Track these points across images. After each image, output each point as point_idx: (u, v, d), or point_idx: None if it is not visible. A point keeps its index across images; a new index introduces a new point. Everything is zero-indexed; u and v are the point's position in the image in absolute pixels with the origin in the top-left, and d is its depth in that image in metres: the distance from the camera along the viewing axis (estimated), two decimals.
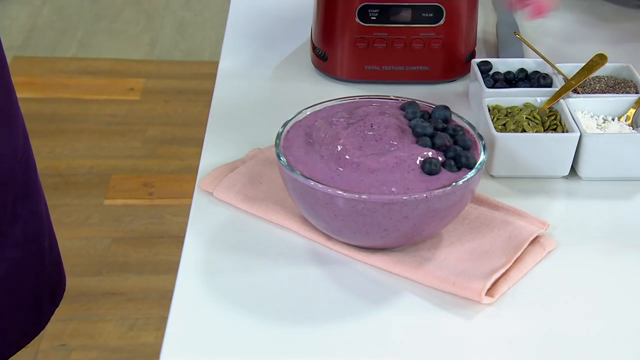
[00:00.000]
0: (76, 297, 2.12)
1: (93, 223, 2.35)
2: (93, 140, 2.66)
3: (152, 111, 2.79)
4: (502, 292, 0.75)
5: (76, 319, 2.06)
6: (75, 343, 2.01)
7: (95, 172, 2.53)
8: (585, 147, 0.87)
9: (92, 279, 2.18)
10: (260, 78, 1.08)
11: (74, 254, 2.25)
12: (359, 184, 0.74)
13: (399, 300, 0.75)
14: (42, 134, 2.70)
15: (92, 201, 2.43)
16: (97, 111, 2.80)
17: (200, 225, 0.83)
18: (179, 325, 0.71)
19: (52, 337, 2.01)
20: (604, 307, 0.76)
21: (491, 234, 0.81)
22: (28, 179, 1.04)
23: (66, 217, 2.37)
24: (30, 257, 1.05)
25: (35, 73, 3.00)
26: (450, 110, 0.83)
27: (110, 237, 2.30)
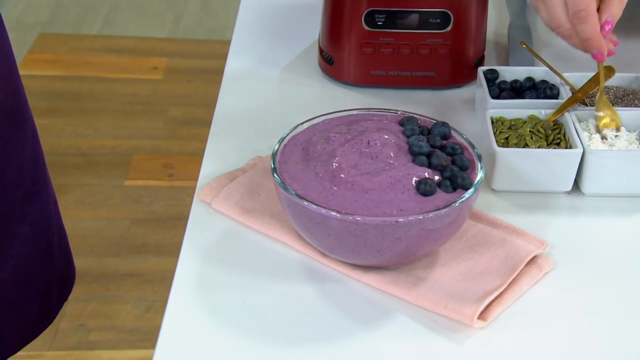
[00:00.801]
0: (95, 278, 2.15)
1: (113, 204, 2.37)
2: (115, 120, 2.68)
3: (174, 91, 2.80)
4: (495, 316, 0.75)
5: (95, 299, 2.09)
6: (94, 323, 2.04)
7: (117, 152, 2.55)
8: (588, 164, 0.86)
9: (111, 259, 2.20)
10: (267, 81, 1.08)
11: (94, 235, 2.27)
12: (352, 204, 0.74)
13: (390, 322, 0.74)
14: (67, 112, 2.72)
15: (113, 182, 2.44)
16: (120, 90, 2.81)
17: (197, 236, 0.83)
18: (170, 341, 0.72)
19: (71, 317, 2.04)
20: (602, 332, 0.74)
21: (488, 253, 0.80)
22: (37, 177, 1.05)
23: (87, 197, 2.39)
24: (38, 254, 1.06)
25: (61, 50, 3.02)
26: (450, 127, 0.82)
27: (130, 218, 2.32)
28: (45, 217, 1.07)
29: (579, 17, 0.83)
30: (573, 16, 0.84)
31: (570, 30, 0.85)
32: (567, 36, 0.86)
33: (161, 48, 3.02)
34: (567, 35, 0.86)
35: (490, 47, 1.14)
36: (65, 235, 1.16)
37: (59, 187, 2.41)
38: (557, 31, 0.87)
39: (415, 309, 0.75)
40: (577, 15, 0.83)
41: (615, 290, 0.79)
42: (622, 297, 0.78)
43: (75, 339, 1.99)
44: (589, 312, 0.76)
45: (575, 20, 0.84)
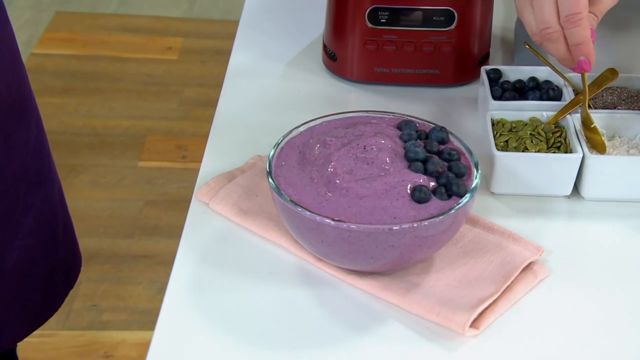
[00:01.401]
0: (108, 259, 2.17)
1: (127, 185, 2.39)
2: (130, 100, 2.69)
3: (189, 71, 2.80)
4: (488, 324, 0.75)
5: (108, 280, 2.11)
6: (106, 304, 2.06)
7: (131, 133, 2.56)
8: (588, 168, 0.85)
9: (124, 241, 2.22)
10: (270, 76, 1.08)
11: (107, 215, 2.29)
12: (345, 211, 0.74)
13: (383, 328, 0.75)
14: (82, 92, 2.73)
15: (126, 162, 2.46)
16: (134, 70, 2.82)
17: (194, 237, 0.84)
18: (162, 344, 0.72)
19: (84, 297, 2.06)
20: (597, 341, 0.74)
21: (483, 259, 0.80)
22: (41, 168, 1.06)
23: (101, 178, 2.41)
24: (42, 244, 1.06)
25: (77, 29, 3.03)
26: (448, 132, 0.82)
27: (143, 200, 2.33)
28: (50, 207, 1.08)
29: (572, 21, 0.82)
30: (566, 19, 0.82)
31: (559, 33, 0.83)
32: (554, 39, 0.84)
33: (176, 28, 3.02)
34: (554, 38, 0.83)
35: (496, 43, 1.14)
36: (71, 222, 1.17)
37: (74, 167, 2.43)
38: (544, 32, 0.84)
39: (409, 315, 0.76)
40: (571, 18, 0.82)
41: (611, 298, 0.78)
42: (617, 305, 0.78)
43: (88, 319, 2.02)
44: (583, 320, 0.76)
45: (567, 23, 0.82)
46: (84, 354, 1.94)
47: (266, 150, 0.93)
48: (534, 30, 0.85)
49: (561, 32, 0.83)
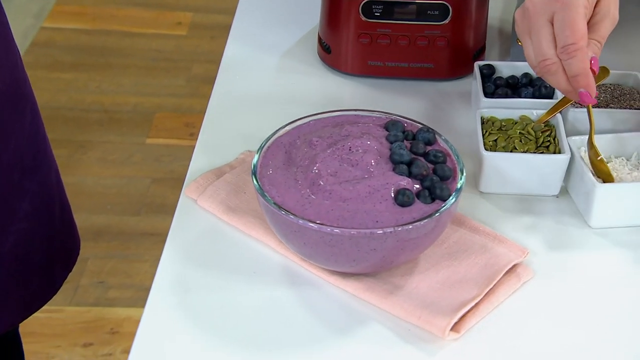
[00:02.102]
0: (115, 236, 2.18)
1: (134, 162, 2.40)
2: (138, 77, 2.69)
3: (198, 47, 2.80)
4: (469, 327, 0.75)
5: (115, 257, 2.13)
6: (113, 281, 2.08)
7: (139, 110, 2.57)
8: (598, 197, 0.83)
9: (131, 218, 2.23)
10: (265, 68, 1.08)
11: (115, 193, 2.30)
12: (328, 214, 0.74)
13: (364, 330, 0.75)
14: (91, 67, 2.74)
15: (134, 139, 2.47)
16: (144, 46, 2.82)
17: (182, 234, 0.84)
18: (145, 344, 0.73)
19: (91, 273, 2.08)
20: (579, 345, 0.74)
21: (467, 260, 0.80)
22: (36, 153, 1.06)
23: (109, 155, 2.42)
24: (39, 227, 1.07)
25: (86, 2, 3.02)
26: (435, 133, 0.82)
27: (151, 177, 2.34)
28: (46, 190, 1.08)
29: (568, 52, 0.80)
30: (562, 50, 0.80)
31: (557, 64, 0.81)
32: (552, 71, 0.82)
33: (186, 2, 3.01)
34: (552, 70, 0.81)
35: (494, 34, 1.13)
36: (68, 205, 1.17)
37: (82, 143, 2.45)
38: (542, 65, 0.82)
39: (391, 317, 0.76)
40: (567, 49, 0.80)
41: (594, 301, 0.78)
42: (599, 308, 0.78)
43: (94, 296, 2.04)
44: (565, 323, 0.76)
45: (564, 55, 0.80)
46: (90, 330, 1.96)
47: (257, 144, 0.93)
48: (533, 63, 0.84)
49: (559, 63, 0.81)
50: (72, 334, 1.95)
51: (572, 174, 0.87)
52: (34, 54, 2.77)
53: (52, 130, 2.48)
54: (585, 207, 0.84)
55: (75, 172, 2.36)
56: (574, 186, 0.87)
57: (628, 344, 0.74)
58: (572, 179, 0.87)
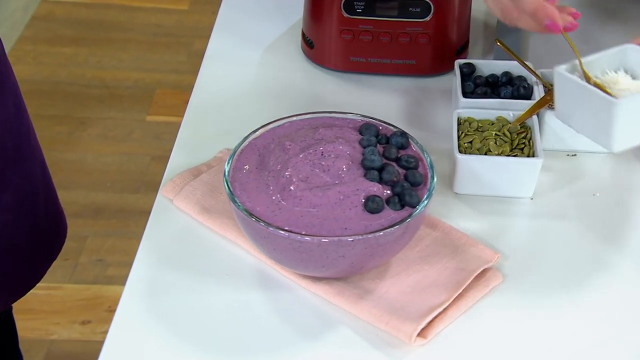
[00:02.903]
0: (114, 214, 2.20)
1: (134, 139, 2.40)
2: (139, 52, 2.69)
3: (199, 23, 2.79)
4: (437, 332, 0.76)
5: (113, 235, 2.14)
6: (111, 259, 2.09)
7: (140, 86, 2.57)
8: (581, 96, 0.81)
9: (130, 195, 2.24)
10: (248, 63, 1.08)
11: (115, 170, 2.31)
12: (297, 220, 0.75)
13: (333, 335, 0.76)
14: (91, 42, 2.74)
15: (134, 116, 2.47)
16: (144, 20, 2.81)
17: (157, 234, 0.85)
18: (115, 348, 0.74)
19: (90, 251, 2.10)
20: (546, 351, 0.75)
21: (438, 265, 0.81)
22: (19, 145, 1.07)
23: (109, 131, 2.43)
24: (22, 219, 1.08)
25: None
26: (408, 137, 0.82)
27: (150, 155, 2.35)
28: (30, 183, 1.09)
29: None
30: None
31: (517, 10, 0.83)
32: (515, 18, 0.83)
33: None
34: (515, 16, 0.83)
35: (479, 28, 1.13)
36: (55, 196, 1.18)
37: (82, 119, 2.45)
38: (505, 15, 0.83)
39: (360, 321, 0.77)
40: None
41: (562, 305, 0.79)
42: (567, 313, 0.78)
43: (93, 274, 2.05)
44: (533, 328, 0.77)
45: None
46: (88, 307, 1.98)
47: (236, 142, 0.94)
48: (499, 16, 0.85)
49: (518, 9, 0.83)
50: (70, 311, 1.97)
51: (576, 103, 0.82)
52: (35, 28, 2.77)
53: (52, 106, 2.50)
54: (604, 130, 0.79)
55: (75, 148, 2.37)
56: (582, 115, 0.82)
57: (598, 349, 0.75)
58: (577, 110, 0.82)
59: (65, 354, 1.88)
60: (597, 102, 0.78)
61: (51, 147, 2.37)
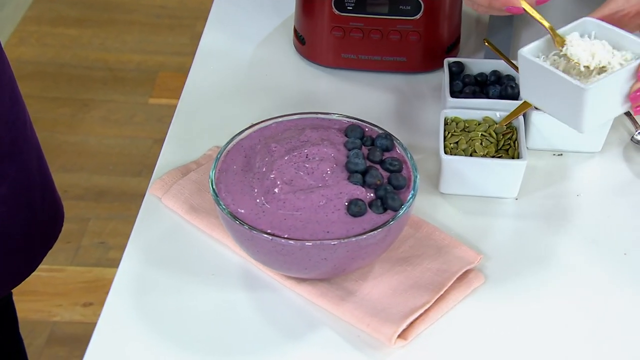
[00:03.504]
0: (117, 197, 2.21)
1: (137, 122, 2.42)
2: (142, 34, 2.69)
3: (202, 4, 2.79)
4: (417, 334, 0.77)
5: (115, 218, 2.16)
6: (113, 242, 2.11)
7: (143, 69, 2.58)
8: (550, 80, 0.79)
9: (132, 179, 2.26)
10: (240, 58, 1.09)
11: (117, 153, 2.33)
12: (281, 223, 0.76)
13: (316, 335, 0.77)
14: (95, 23, 2.74)
15: (137, 99, 2.48)
16: (148, 1, 2.81)
17: (145, 232, 0.86)
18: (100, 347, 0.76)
19: (92, 234, 2.12)
20: (526, 351, 0.76)
21: (421, 266, 0.82)
22: (15, 139, 1.08)
23: (112, 114, 2.44)
24: (18, 211, 1.09)
25: None
26: (393, 139, 0.83)
27: (152, 138, 2.36)
28: (26, 176, 1.10)
29: None
30: None
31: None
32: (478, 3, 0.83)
33: None
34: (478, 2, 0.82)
35: (470, 25, 1.13)
36: (52, 186, 1.19)
37: (86, 102, 2.46)
38: (470, 3, 0.83)
39: (343, 322, 0.78)
40: None
41: (543, 307, 0.80)
42: (548, 314, 0.79)
43: (95, 256, 2.07)
44: (513, 330, 0.78)
45: None
46: (90, 290, 2.00)
47: (226, 139, 0.95)
48: (469, 5, 0.85)
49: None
50: (72, 293, 1.99)
51: (543, 86, 0.80)
52: (38, 9, 2.77)
53: (56, 88, 2.51)
54: (573, 113, 0.78)
55: (78, 131, 2.38)
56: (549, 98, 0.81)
57: (579, 349, 0.76)
58: (545, 93, 0.81)
59: (67, 335, 1.91)
60: (565, 88, 0.77)
61: (54, 130, 2.38)
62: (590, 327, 0.78)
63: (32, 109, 2.41)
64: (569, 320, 0.79)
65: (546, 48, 0.82)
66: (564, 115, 0.80)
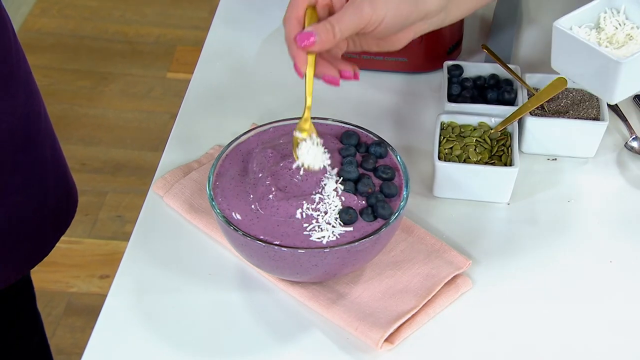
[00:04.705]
0: (134, 171, 2.25)
1: (155, 96, 2.45)
2: (162, 6, 2.71)
3: None
4: (404, 338, 0.80)
5: (132, 192, 2.20)
6: (130, 215, 2.15)
7: (162, 42, 2.60)
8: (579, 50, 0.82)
9: (149, 153, 2.30)
10: (246, 54, 1.11)
11: (135, 127, 2.36)
12: (273, 229, 0.79)
13: (306, 337, 0.80)
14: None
15: (155, 73, 2.51)
16: None
17: (147, 230, 0.89)
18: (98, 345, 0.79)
19: (109, 207, 2.16)
20: (511, 356, 0.79)
21: (411, 271, 0.84)
22: (29, 131, 1.11)
23: (131, 88, 2.47)
24: (32, 199, 1.13)
25: None
26: (387, 146, 0.85)
27: (170, 113, 2.39)
28: (40, 166, 1.13)
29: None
30: None
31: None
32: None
33: None
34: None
35: (474, 24, 1.14)
36: (65, 174, 1.22)
37: (105, 75, 2.50)
38: None
39: (333, 325, 0.81)
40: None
41: (529, 312, 0.82)
42: (534, 319, 0.82)
43: (112, 229, 2.12)
44: (500, 334, 0.80)
45: None
46: (106, 263, 2.05)
47: (229, 138, 0.97)
48: None
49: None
50: (90, 265, 2.04)
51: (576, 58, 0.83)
52: None
53: (76, 60, 2.54)
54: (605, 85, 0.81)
55: (97, 104, 2.42)
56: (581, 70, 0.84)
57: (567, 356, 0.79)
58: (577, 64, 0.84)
59: (84, 306, 1.96)
60: (600, 60, 0.80)
61: (74, 102, 2.42)
62: (579, 333, 0.80)
63: (53, 81, 2.46)
64: (554, 326, 0.81)
65: (578, 20, 0.84)
66: (596, 86, 0.83)
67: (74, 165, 2.20)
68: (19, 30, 2.57)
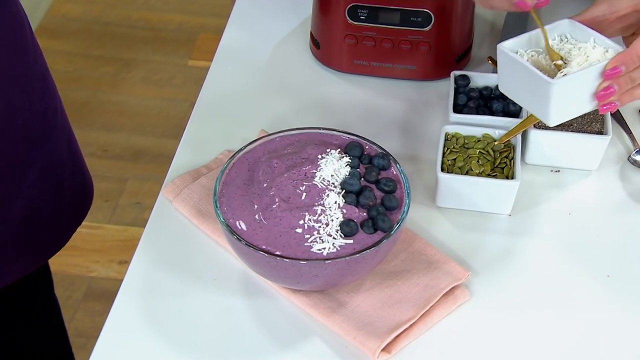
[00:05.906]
0: (153, 158, 2.28)
1: (176, 84, 2.47)
2: None
3: None
4: (401, 348, 0.82)
5: (152, 179, 2.23)
6: (149, 202, 2.18)
7: (184, 29, 2.62)
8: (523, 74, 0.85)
9: (169, 141, 2.32)
10: (258, 59, 1.13)
11: (155, 114, 2.39)
12: (276, 240, 0.81)
13: (306, 345, 0.83)
14: None
15: (177, 60, 2.53)
16: None
17: (156, 233, 0.92)
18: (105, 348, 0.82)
19: (129, 194, 2.19)
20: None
21: (410, 281, 0.86)
22: (45, 127, 1.13)
23: (153, 75, 2.50)
24: (48, 193, 1.15)
25: None
26: (390, 158, 0.87)
27: (190, 101, 2.41)
28: (55, 160, 1.16)
29: None
30: None
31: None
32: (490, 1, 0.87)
33: None
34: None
35: (485, 30, 1.15)
36: (82, 167, 1.24)
37: (127, 61, 2.52)
38: (483, 2, 0.87)
39: (333, 333, 0.83)
40: None
41: (526, 324, 0.84)
42: (531, 331, 0.83)
43: (131, 216, 2.15)
44: (497, 346, 0.82)
45: None
46: (125, 249, 2.08)
47: (238, 143, 0.99)
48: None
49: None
50: (109, 250, 2.07)
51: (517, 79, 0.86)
52: None
53: (100, 46, 2.57)
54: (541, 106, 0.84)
55: (120, 90, 2.45)
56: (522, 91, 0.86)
57: None
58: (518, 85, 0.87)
59: (104, 290, 1.99)
60: (535, 81, 0.83)
61: (97, 88, 2.45)
62: (573, 346, 0.82)
63: (77, 66, 2.49)
64: (551, 338, 0.83)
65: (526, 44, 0.87)
66: (535, 108, 0.86)
67: (96, 152, 2.23)
68: (45, 16, 2.60)
